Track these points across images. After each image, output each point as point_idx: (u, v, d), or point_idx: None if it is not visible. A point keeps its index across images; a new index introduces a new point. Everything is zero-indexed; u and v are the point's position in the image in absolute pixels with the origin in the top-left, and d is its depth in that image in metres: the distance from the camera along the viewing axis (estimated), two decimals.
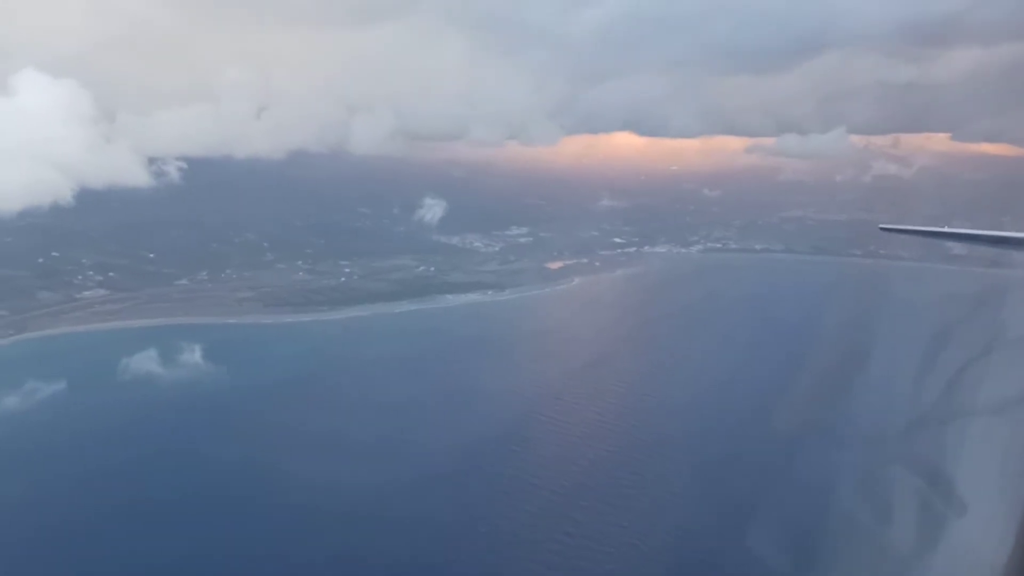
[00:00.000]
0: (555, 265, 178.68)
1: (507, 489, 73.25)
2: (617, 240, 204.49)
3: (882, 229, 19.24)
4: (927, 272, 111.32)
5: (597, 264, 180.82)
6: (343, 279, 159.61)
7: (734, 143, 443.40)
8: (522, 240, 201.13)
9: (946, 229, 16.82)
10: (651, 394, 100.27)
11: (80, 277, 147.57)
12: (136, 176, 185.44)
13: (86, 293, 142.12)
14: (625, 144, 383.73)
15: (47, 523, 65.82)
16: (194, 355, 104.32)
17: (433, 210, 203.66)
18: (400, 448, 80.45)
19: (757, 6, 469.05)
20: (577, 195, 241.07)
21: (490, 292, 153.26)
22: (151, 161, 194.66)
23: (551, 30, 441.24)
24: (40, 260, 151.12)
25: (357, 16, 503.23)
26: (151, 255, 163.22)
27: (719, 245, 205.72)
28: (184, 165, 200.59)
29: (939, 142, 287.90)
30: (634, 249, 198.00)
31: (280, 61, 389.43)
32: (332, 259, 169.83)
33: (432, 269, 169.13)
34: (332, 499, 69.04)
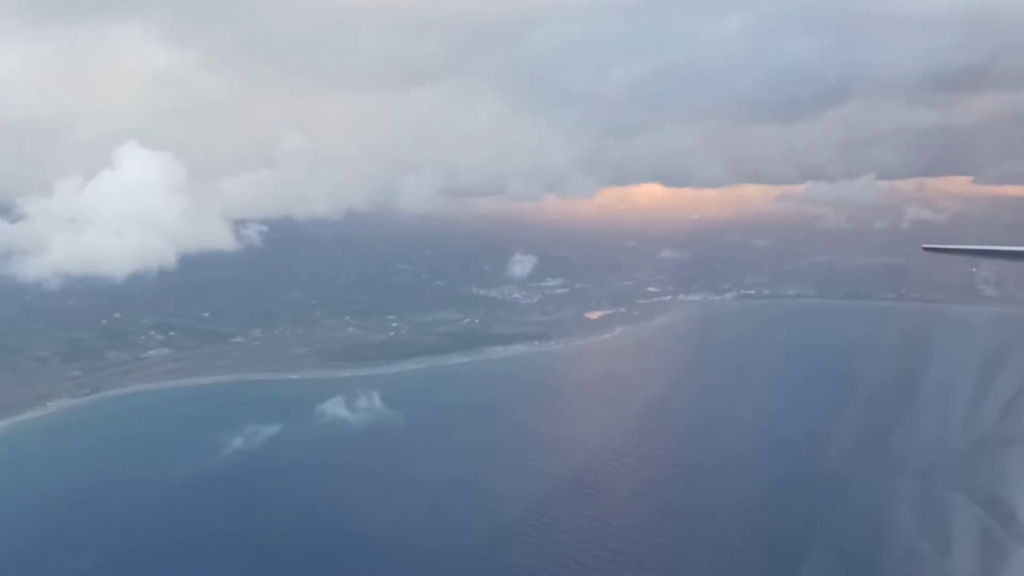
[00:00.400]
0: (595, 315, 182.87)
1: (588, 528, 77.14)
2: (651, 289, 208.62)
3: (925, 249, 19.55)
4: (959, 314, 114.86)
5: (636, 314, 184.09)
6: (392, 333, 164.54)
7: (758, 191, 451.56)
8: (559, 291, 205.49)
9: (988, 247, 18.00)
10: (706, 438, 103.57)
11: (143, 337, 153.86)
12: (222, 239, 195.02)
13: (151, 352, 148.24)
14: (650, 195, 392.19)
15: None
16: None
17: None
18: (488, 490, 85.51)
19: (782, 59, 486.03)
20: (607, 246, 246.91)
21: (536, 343, 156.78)
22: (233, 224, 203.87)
23: (583, 90, 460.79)
24: (103, 322, 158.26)
25: (400, 80, 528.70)
26: (205, 314, 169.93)
27: (752, 292, 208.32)
28: (264, 228, 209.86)
29: (961, 185, 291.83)
30: (669, 298, 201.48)
31: (330, 125, 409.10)
32: (378, 314, 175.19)
33: (476, 322, 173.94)
34: (419, 541, 73.92)
